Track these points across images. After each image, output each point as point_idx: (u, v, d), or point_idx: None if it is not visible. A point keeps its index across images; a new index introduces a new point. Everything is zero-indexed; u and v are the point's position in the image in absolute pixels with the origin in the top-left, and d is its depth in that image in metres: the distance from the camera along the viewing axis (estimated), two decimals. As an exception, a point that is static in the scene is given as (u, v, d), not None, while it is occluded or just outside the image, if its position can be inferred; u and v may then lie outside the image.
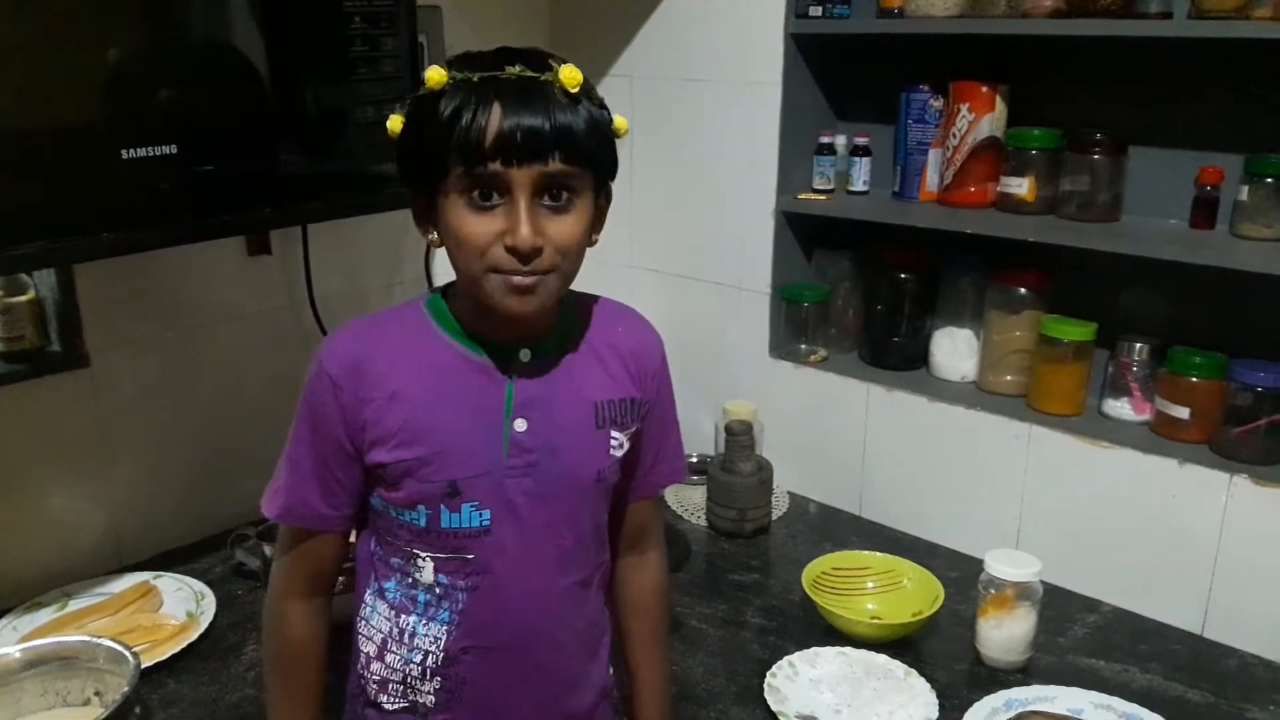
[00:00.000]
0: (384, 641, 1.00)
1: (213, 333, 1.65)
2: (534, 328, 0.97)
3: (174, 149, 1.16)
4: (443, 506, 0.95)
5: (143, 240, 1.25)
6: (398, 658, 0.99)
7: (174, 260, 1.52)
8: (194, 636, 1.38)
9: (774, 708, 1.24)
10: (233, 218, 1.28)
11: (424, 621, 0.98)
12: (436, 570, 0.97)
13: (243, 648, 1.38)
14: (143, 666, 1.27)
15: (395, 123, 0.93)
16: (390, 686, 1.00)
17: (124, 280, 1.52)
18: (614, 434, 1.03)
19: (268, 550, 1.50)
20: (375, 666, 1.00)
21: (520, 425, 0.96)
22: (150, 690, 1.27)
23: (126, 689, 1.09)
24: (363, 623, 1.02)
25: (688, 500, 1.81)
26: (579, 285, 0.98)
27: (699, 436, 1.92)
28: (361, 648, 1.02)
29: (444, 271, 1.61)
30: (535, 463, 0.97)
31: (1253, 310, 1.45)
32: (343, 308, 1.74)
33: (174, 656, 1.34)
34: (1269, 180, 1.38)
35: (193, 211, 1.23)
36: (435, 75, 0.88)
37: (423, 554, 0.97)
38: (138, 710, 1.18)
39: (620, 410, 1.03)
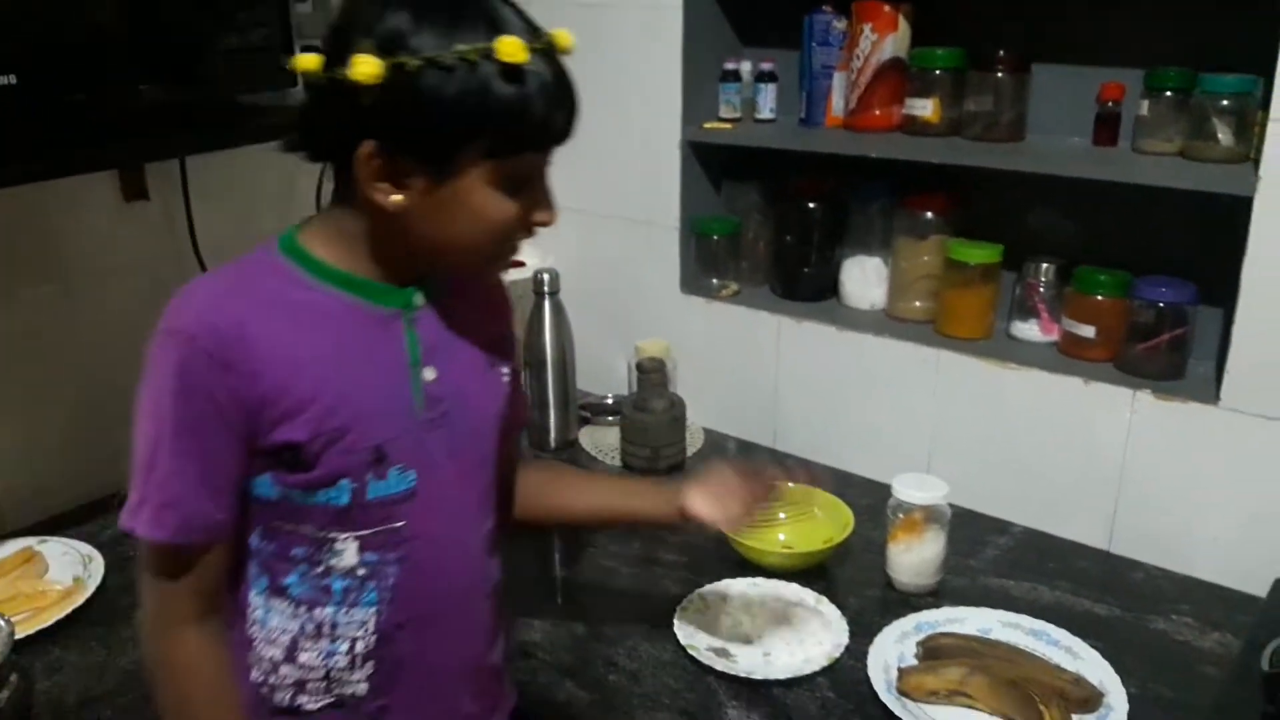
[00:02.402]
0: (294, 641, 0.92)
1: (90, 284, 1.56)
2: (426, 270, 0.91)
3: (12, 79, 1.06)
4: (369, 476, 0.88)
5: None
6: (315, 654, 0.92)
7: (46, 208, 1.43)
8: (80, 601, 1.32)
9: (684, 641, 1.23)
10: (87, 153, 1.19)
11: (344, 610, 0.91)
12: (362, 550, 0.90)
13: (134, 610, 1.32)
14: (26, 634, 1.23)
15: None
16: (310, 685, 0.93)
17: (-10, 230, 1.42)
18: (503, 369, 1.00)
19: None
20: (286, 670, 0.92)
21: (430, 374, 0.91)
22: (32, 658, 1.21)
23: (-1, 659, 1.03)
24: (255, 627, 0.93)
25: (602, 441, 1.77)
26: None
27: (612, 376, 1.88)
28: (262, 653, 0.93)
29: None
30: (447, 412, 0.92)
31: (1156, 227, 1.45)
32: (231, 256, 1.65)
33: (59, 623, 1.28)
34: (1168, 94, 1.37)
35: (40, 147, 1.13)
36: (509, 46, 0.78)
37: (341, 536, 0.89)
38: (13, 678, 1.13)
39: (504, 345, 1.01)
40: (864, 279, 1.69)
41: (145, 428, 0.85)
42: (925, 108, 1.54)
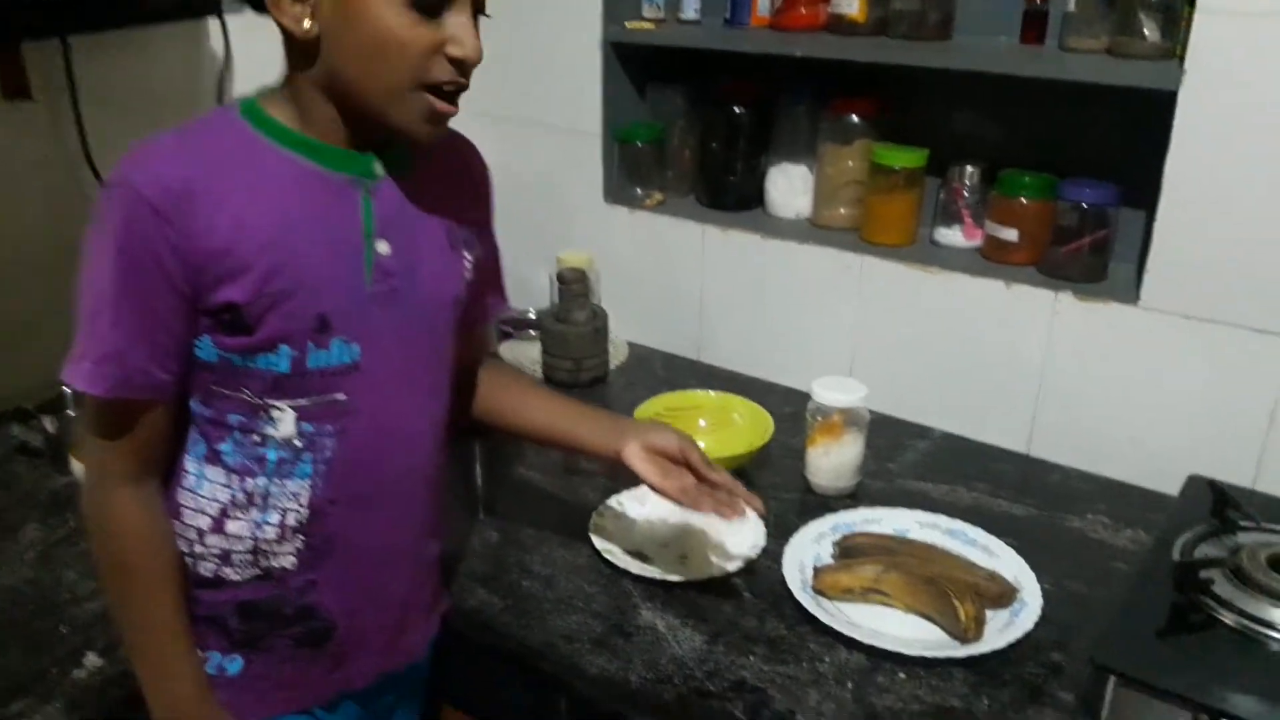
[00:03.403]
0: (224, 510, 0.90)
1: (-30, 192, 1.46)
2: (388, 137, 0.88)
3: None
4: (310, 344, 0.86)
5: None
6: (244, 524, 0.90)
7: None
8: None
9: (600, 547, 1.20)
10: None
11: (277, 481, 0.89)
12: (299, 420, 0.87)
13: (22, 528, 1.26)
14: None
15: None
16: (235, 557, 0.91)
17: None
18: (465, 255, 0.97)
19: (49, 425, 1.37)
20: (213, 540, 0.90)
21: (383, 248, 0.88)
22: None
23: None
24: (186, 494, 0.91)
25: (523, 355, 1.73)
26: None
27: (534, 289, 1.83)
28: (189, 522, 0.91)
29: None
30: (398, 288, 0.90)
31: (1081, 129, 1.43)
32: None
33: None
34: (1096, -12, 1.34)
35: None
36: None
37: (279, 404, 0.87)
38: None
39: (473, 231, 0.99)
40: (789, 187, 1.65)
41: (89, 280, 0.82)
42: (851, 5, 1.49)
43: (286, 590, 0.93)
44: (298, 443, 0.89)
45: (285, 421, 0.88)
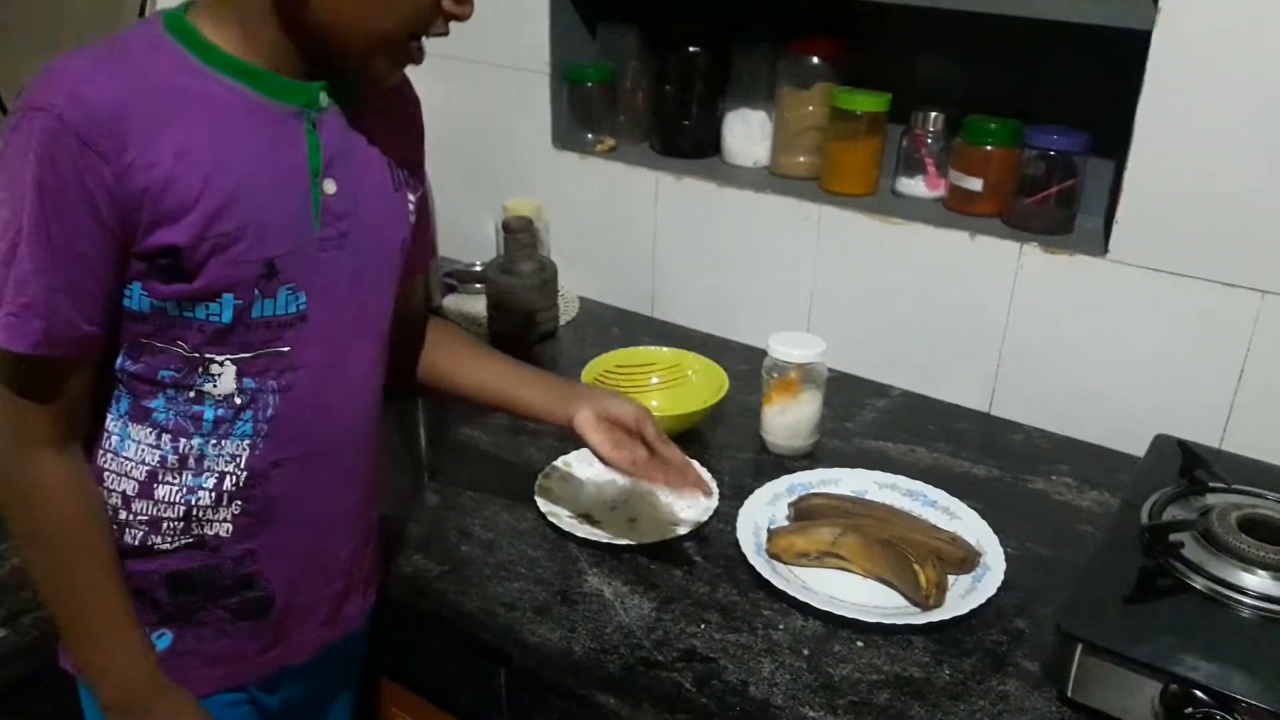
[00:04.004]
0: (152, 474, 0.82)
1: None
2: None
3: None
4: (257, 292, 0.78)
5: None
6: (175, 489, 0.82)
7: None
8: None
9: (545, 510, 1.14)
10: None
11: (213, 441, 0.81)
12: (240, 375, 0.80)
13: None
14: None
15: None
16: (165, 524, 0.83)
17: None
18: (409, 195, 0.90)
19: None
20: (140, 505, 0.83)
21: (330, 187, 0.81)
22: None
23: None
24: (109, 457, 0.83)
25: (469, 310, 1.65)
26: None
27: (480, 240, 1.75)
28: (113, 487, 0.83)
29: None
30: (346, 232, 0.82)
31: (1049, 72, 1.36)
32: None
33: None
34: (1068, -76, 1.27)
35: None
36: None
37: (219, 358, 0.79)
38: None
39: (411, 169, 0.91)
40: (747, 133, 1.58)
41: (2, 219, 0.72)
42: (813, -60, 1.42)
43: (222, 559, 0.86)
44: (238, 400, 0.81)
45: (226, 377, 0.80)
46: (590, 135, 1.66)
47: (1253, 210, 1.15)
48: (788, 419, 1.24)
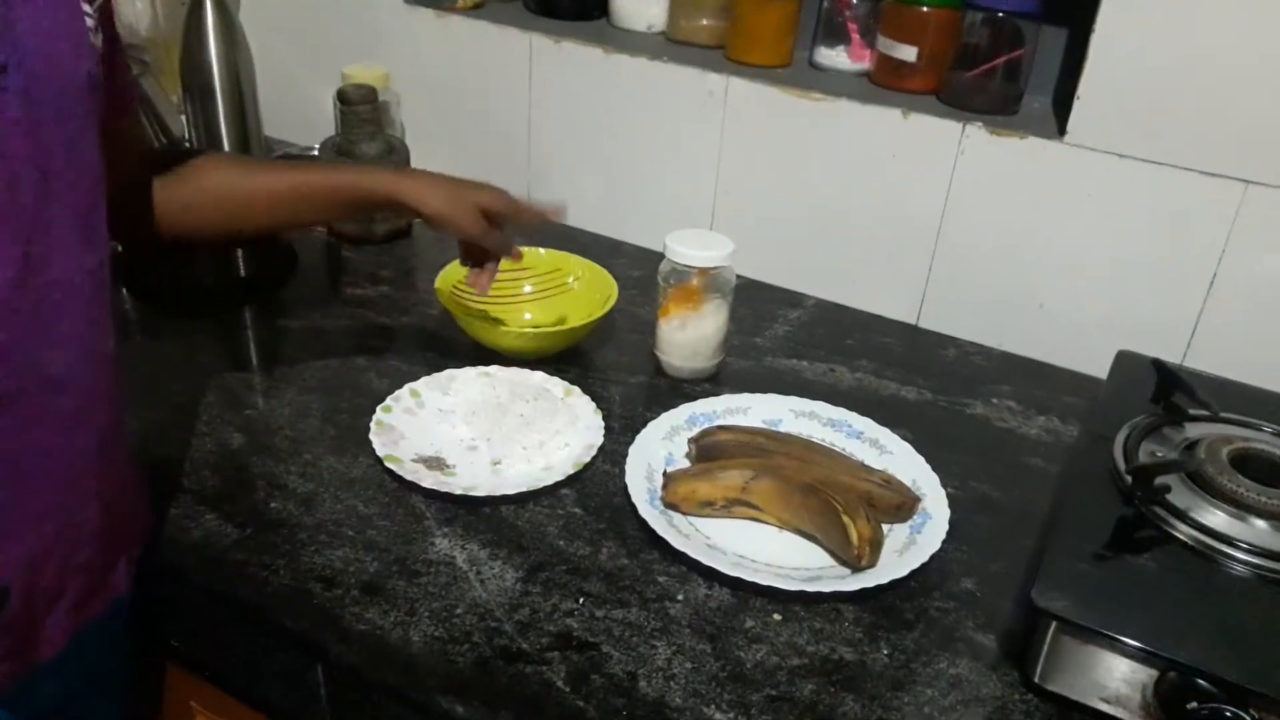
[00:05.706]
0: None
1: None
2: None
3: None
4: None
5: None
6: None
7: None
8: None
9: (381, 451, 0.89)
10: None
11: None
12: None
13: None
14: None
15: None
16: None
17: None
18: (85, 7, 0.63)
19: None
20: None
21: None
22: None
23: None
24: None
25: (303, 200, 1.37)
26: None
27: (316, 118, 1.45)
28: None
29: None
30: (4, 65, 0.57)
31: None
32: None
33: None
34: None
35: None
36: None
37: None
38: None
39: None
40: (639, -9, 1.32)
41: None
42: None
43: None
44: None
45: None
46: (450, -11, 1.37)
47: (1239, 86, 0.96)
48: (688, 335, 1.02)
